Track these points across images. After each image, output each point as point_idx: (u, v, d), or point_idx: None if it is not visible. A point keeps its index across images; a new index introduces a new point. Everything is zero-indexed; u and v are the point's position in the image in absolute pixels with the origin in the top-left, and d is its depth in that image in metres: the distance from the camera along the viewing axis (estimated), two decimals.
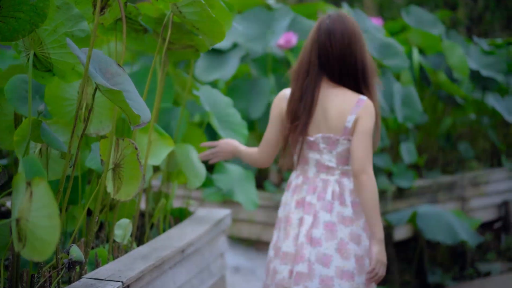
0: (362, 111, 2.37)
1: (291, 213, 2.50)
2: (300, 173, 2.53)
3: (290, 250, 2.47)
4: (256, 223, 4.15)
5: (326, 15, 2.46)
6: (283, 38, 4.00)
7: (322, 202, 2.43)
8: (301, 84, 2.41)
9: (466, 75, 4.94)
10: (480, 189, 5.50)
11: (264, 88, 3.98)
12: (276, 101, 2.54)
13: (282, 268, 2.48)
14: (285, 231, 2.51)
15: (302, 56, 2.46)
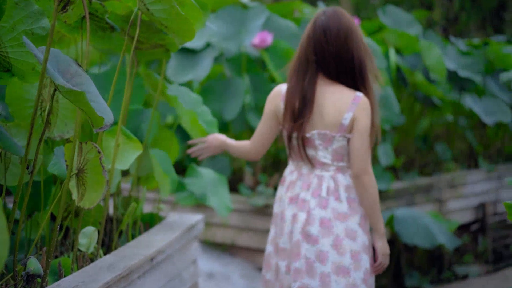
0: (359, 110, 2.38)
1: (284, 209, 2.51)
2: (295, 169, 2.53)
3: (286, 246, 2.49)
4: (231, 227, 4.05)
5: (322, 11, 2.45)
6: (258, 37, 3.90)
7: (317, 198, 2.44)
8: (301, 82, 2.41)
9: (443, 75, 4.88)
10: (457, 190, 5.45)
11: (239, 89, 3.88)
12: (271, 96, 2.53)
13: (281, 264, 2.51)
14: (280, 227, 2.52)
15: (299, 53, 2.46)
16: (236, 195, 4.08)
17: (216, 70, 4.21)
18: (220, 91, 3.96)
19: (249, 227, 3.99)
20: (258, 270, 3.96)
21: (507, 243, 5.86)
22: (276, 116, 2.51)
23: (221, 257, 3.99)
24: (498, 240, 5.84)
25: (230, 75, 3.97)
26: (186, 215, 3.12)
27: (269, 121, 2.53)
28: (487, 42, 5.90)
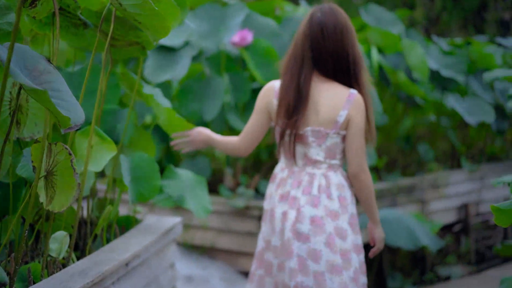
0: (353, 108, 2.40)
1: (275, 207, 2.51)
2: (286, 166, 2.53)
3: (277, 244, 2.49)
4: (210, 229, 3.97)
5: (317, 8, 2.45)
6: (237, 35, 3.82)
7: (308, 196, 2.43)
8: (296, 78, 2.40)
9: (426, 75, 4.83)
10: (440, 191, 5.41)
11: (218, 88, 3.80)
12: (264, 92, 2.52)
13: (275, 262, 2.52)
14: (271, 225, 2.53)
15: (294, 50, 2.45)
16: (216, 196, 4.00)
17: (195, 69, 4.12)
18: (199, 91, 3.87)
19: (229, 229, 3.91)
20: (239, 273, 3.88)
21: (490, 243, 5.83)
22: (268, 112, 2.50)
23: (200, 260, 3.91)
24: (481, 241, 5.82)
25: (210, 75, 3.89)
26: (163, 217, 3.04)
27: (260, 118, 2.52)
28: (469, 41, 5.87)
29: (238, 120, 3.96)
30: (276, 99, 2.46)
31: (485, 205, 5.98)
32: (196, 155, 4.20)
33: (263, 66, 3.90)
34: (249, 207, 3.85)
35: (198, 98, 3.86)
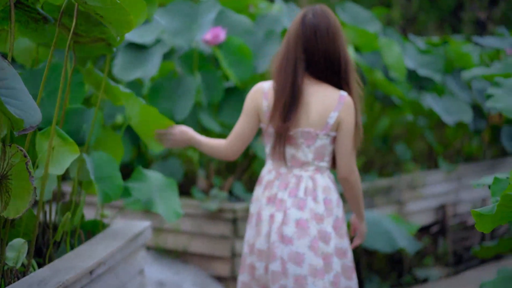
0: (344, 110, 2.43)
1: (262, 210, 2.51)
2: (273, 168, 2.53)
3: (263, 248, 2.49)
4: (183, 233, 3.85)
5: (309, 9, 2.46)
6: (210, 33, 3.71)
7: (294, 198, 2.45)
8: (289, 80, 2.41)
9: (403, 74, 4.76)
10: (417, 192, 5.34)
11: (190, 87, 3.68)
12: (252, 94, 2.53)
13: (259, 265, 2.51)
14: (257, 228, 2.52)
15: (285, 51, 2.45)
16: (188, 199, 3.88)
17: (167, 67, 4.00)
18: (171, 90, 3.75)
19: (202, 233, 3.80)
20: (212, 277, 3.77)
21: (467, 245, 5.78)
22: (257, 114, 2.51)
23: (172, 264, 3.79)
24: (458, 242, 5.76)
25: (181, 73, 3.77)
26: (132, 222, 2.92)
27: (249, 120, 2.51)
28: (446, 40, 5.81)
29: (211, 120, 3.85)
30: (266, 100, 2.47)
31: (463, 206, 5.93)
32: (168, 156, 4.08)
33: (237, 64, 3.79)
34: (222, 210, 3.74)
35: (169, 97, 3.74)
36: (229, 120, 3.92)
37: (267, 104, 2.46)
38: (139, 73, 3.58)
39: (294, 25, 2.47)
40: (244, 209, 3.79)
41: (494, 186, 1.97)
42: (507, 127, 5.91)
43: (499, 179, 1.97)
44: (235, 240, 3.73)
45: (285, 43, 2.48)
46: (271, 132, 2.48)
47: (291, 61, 2.43)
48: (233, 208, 3.72)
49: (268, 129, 2.49)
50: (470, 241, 5.81)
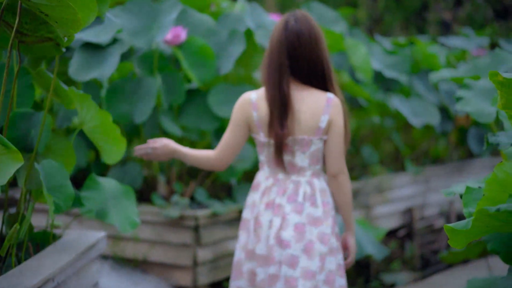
0: (334, 112, 2.46)
1: (260, 215, 2.53)
2: (270, 175, 2.55)
3: (263, 253, 2.51)
4: (142, 241, 3.69)
5: (290, 15, 2.49)
6: (170, 33, 3.55)
7: (293, 204, 2.49)
8: (277, 88, 2.44)
9: (369, 76, 4.67)
10: (385, 195, 5.26)
11: (150, 89, 3.52)
12: (240, 106, 2.55)
13: (260, 271, 2.52)
14: (256, 233, 2.53)
15: (269, 59, 2.48)
16: (148, 206, 3.72)
17: (126, 68, 3.84)
18: (130, 92, 3.58)
19: (163, 241, 3.64)
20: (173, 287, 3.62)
21: (434, 248, 5.72)
22: (246, 125, 2.53)
23: (131, 274, 3.63)
24: (425, 246, 5.70)
25: (141, 74, 3.61)
26: (85, 232, 2.75)
27: (238, 131, 2.54)
28: (413, 41, 5.74)
29: (172, 124, 3.69)
30: (255, 111, 2.49)
31: (430, 208, 5.87)
32: (127, 160, 3.91)
33: (199, 65, 3.64)
34: (184, 217, 3.59)
35: (128, 100, 3.58)
36: (191, 124, 3.77)
37: (257, 115, 2.49)
38: (95, 73, 3.41)
39: (277, 32, 2.48)
40: (207, 216, 3.65)
41: (466, 196, 1.86)
42: (474, 130, 5.86)
43: (471, 188, 1.86)
44: (197, 248, 3.58)
45: (269, 51, 2.50)
46: (265, 141, 2.51)
47: (276, 69, 2.45)
48: (195, 215, 3.58)
49: (261, 138, 2.52)
50: (437, 244, 5.75)
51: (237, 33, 3.77)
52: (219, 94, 3.75)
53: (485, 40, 5.98)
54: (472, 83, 3.00)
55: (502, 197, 1.64)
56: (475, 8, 15.65)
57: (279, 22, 2.51)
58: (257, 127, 2.50)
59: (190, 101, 3.78)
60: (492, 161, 6.54)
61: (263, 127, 2.50)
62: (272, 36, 2.49)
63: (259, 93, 2.53)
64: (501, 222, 1.38)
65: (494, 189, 1.65)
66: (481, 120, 2.79)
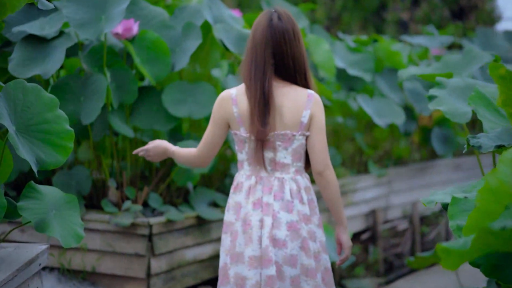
0: (315, 107, 2.50)
1: (249, 216, 2.51)
2: (252, 173, 2.54)
3: (256, 254, 2.48)
4: (92, 251, 3.41)
5: (272, 12, 2.50)
6: (121, 26, 3.28)
7: (281, 201, 2.49)
8: (260, 85, 2.44)
9: (332, 74, 4.47)
10: (348, 198, 5.07)
11: (99, 87, 3.24)
12: (220, 102, 2.55)
13: (252, 273, 2.48)
14: (246, 235, 2.50)
15: (253, 56, 2.48)
16: (98, 213, 3.45)
17: (73, 64, 3.56)
18: (77, 90, 3.30)
19: (113, 251, 3.38)
20: None
21: (398, 251, 5.57)
22: (226, 122, 2.54)
23: (79, 287, 3.34)
24: (389, 249, 5.55)
25: (89, 71, 3.32)
26: (25, 245, 2.48)
27: (218, 128, 2.56)
28: (375, 39, 5.56)
29: (123, 124, 3.42)
30: (236, 107, 2.49)
31: (393, 211, 5.71)
32: (73, 164, 3.63)
33: (152, 61, 3.38)
34: (136, 225, 3.33)
35: (75, 98, 3.30)
36: (143, 124, 3.51)
37: (237, 111, 2.49)
38: (38, 70, 3.12)
39: (260, 28, 2.48)
40: (161, 223, 3.39)
41: (453, 208, 1.65)
42: (437, 129, 5.73)
43: (458, 199, 1.66)
44: (150, 258, 3.33)
45: (252, 48, 2.49)
46: (246, 136, 2.50)
47: (260, 67, 2.46)
48: (149, 222, 3.32)
49: (242, 133, 2.51)
50: (401, 247, 5.60)
51: (193, 26, 3.53)
52: (174, 93, 3.50)
53: (449, 39, 5.85)
54: (445, 81, 2.81)
55: (497, 208, 1.44)
56: (432, 8, 15.70)
57: (262, 19, 2.50)
58: (238, 123, 2.51)
59: (143, 100, 3.51)
60: (454, 161, 6.43)
61: (244, 123, 2.50)
62: (255, 33, 2.49)
63: (239, 88, 2.54)
64: (504, 240, 1.18)
65: (487, 199, 1.45)
66: (455, 120, 2.61)
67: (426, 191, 6.08)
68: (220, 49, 3.80)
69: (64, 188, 3.39)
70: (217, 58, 3.82)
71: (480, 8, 15.69)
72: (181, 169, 3.58)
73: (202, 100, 3.52)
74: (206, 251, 3.68)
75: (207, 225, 3.71)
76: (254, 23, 2.54)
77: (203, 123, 3.82)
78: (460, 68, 3.18)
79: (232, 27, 3.64)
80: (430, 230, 6.02)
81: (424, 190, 6.06)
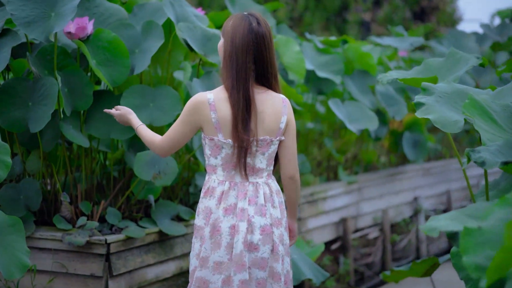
0: (289, 113, 2.54)
1: (219, 222, 2.48)
2: (225, 179, 2.51)
3: (223, 259, 2.46)
4: (42, 272, 3.09)
5: (250, 17, 2.46)
6: (74, 24, 2.97)
7: (255, 206, 2.49)
8: (243, 92, 2.42)
9: (302, 76, 4.23)
10: (318, 206, 4.83)
11: (49, 91, 2.92)
12: (195, 105, 2.47)
13: (215, 278, 2.47)
14: (214, 241, 2.47)
15: (234, 61, 2.43)
16: (49, 230, 3.13)
17: (20, 66, 3.22)
18: (25, 94, 2.98)
19: (67, 272, 3.06)
20: None
21: (369, 261, 5.36)
22: (196, 127, 2.50)
23: None
24: (360, 259, 5.32)
25: (38, 74, 2.99)
26: None
27: (189, 130, 2.51)
28: (346, 40, 5.34)
29: (77, 133, 3.11)
30: (214, 113, 2.44)
31: (364, 219, 5.50)
32: (22, 176, 3.30)
33: (109, 63, 3.07)
34: (92, 243, 3.03)
35: (22, 103, 2.97)
36: (99, 132, 3.19)
37: (216, 117, 2.44)
38: None
39: (240, 33, 2.43)
40: (120, 241, 3.10)
41: (466, 240, 1.40)
42: (408, 134, 5.54)
43: (471, 230, 1.41)
44: (108, 279, 3.02)
45: (231, 53, 2.44)
46: (224, 142, 2.46)
47: (242, 73, 2.42)
48: (106, 240, 3.02)
49: (219, 139, 2.46)
50: (371, 257, 5.39)
51: (154, 25, 3.23)
52: (134, 98, 3.20)
53: (419, 40, 5.65)
54: (431, 87, 2.58)
55: None
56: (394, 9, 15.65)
57: (240, 23, 2.45)
58: (216, 128, 2.45)
59: (98, 105, 3.20)
60: (423, 166, 6.26)
61: (223, 129, 2.45)
62: (234, 37, 2.43)
63: (215, 93, 2.47)
64: None
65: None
66: (446, 130, 2.37)
67: (396, 198, 5.90)
68: (183, 50, 3.51)
69: (11, 203, 3.07)
70: (180, 59, 3.53)
71: (441, 9, 15.70)
72: (141, 181, 3.28)
73: (165, 105, 3.22)
74: (169, 269, 3.38)
75: (170, 240, 3.43)
76: (230, 26, 2.47)
77: (166, 130, 3.52)
78: (444, 72, 2.95)
79: (196, 26, 3.35)
80: (401, 238, 5.82)
81: (394, 196, 5.87)
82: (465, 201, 6.84)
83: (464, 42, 6.65)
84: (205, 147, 2.52)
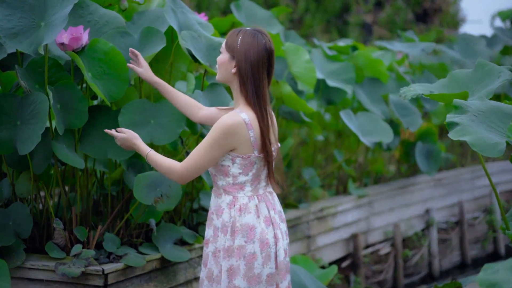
0: None
1: (265, 234, 2.49)
2: (253, 193, 2.53)
3: (273, 271, 2.51)
4: None
5: (261, 32, 2.48)
6: (67, 34, 2.70)
7: (278, 214, 2.58)
8: (263, 107, 2.47)
9: (312, 86, 3.97)
10: (328, 223, 4.57)
11: (40, 108, 2.65)
12: (235, 129, 2.43)
13: None
14: (265, 254, 2.49)
15: (251, 76, 2.44)
16: (41, 259, 2.88)
17: (10, 79, 2.96)
18: (13, 112, 2.71)
19: None
20: None
21: (380, 279, 5.10)
22: (229, 149, 2.45)
23: None
24: (371, 277, 5.06)
25: (27, 88, 2.72)
26: None
27: (219, 154, 2.45)
28: (355, 46, 5.07)
29: (71, 153, 2.84)
30: (252, 131, 2.45)
31: (374, 234, 5.24)
32: (11, 200, 3.03)
33: (105, 76, 2.81)
34: (88, 274, 2.77)
35: (10, 122, 2.71)
36: (96, 152, 2.93)
37: (253, 135, 2.46)
38: None
39: (254, 50, 2.44)
40: (119, 271, 2.84)
41: None
42: (421, 145, 5.28)
43: None
44: None
45: (247, 70, 2.44)
46: (256, 158, 2.47)
47: (261, 89, 2.46)
48: (103, 271, 2.77)
49: (256, 155, 2.47)
50: (383, 274, 5.13)
51: (154, 32, 2.97)
52: (133, 114, 2.93)
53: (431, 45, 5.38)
54: (464, 105, 2.33)
55: None
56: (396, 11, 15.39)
57: (253, 40, 2.45)
58: (253, 146, 2.46)
59: (94, 123, 2.93)
60: (434, 176, 5.99)
61: (258, 145, 2.47)
62: (247, 54, 2.43)
63: (246, 112, 2.46)
64: None
65: None
66: (485, 154, 2.12)
67: (407, 210, 5.64)
68: (186, 60, 3.24)
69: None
70: (183, 70, 3.27)
71: (444, 11, 15.44)
72: (141, 204, 3.01)
73: (166, 122, 2.96)
74: None
75: (174, 266, 3.17)
76: (241, 43, 2.44)
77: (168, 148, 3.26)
78: (472, 85, 2.68)
79: (201, 35, 3.09)
80: (413, 253, 5.56)
81: (406, 209, 5.61)
82: (477, 212, 6.58)
83: (475, 46, 6.40)
84: (231, 167, 2.47)
